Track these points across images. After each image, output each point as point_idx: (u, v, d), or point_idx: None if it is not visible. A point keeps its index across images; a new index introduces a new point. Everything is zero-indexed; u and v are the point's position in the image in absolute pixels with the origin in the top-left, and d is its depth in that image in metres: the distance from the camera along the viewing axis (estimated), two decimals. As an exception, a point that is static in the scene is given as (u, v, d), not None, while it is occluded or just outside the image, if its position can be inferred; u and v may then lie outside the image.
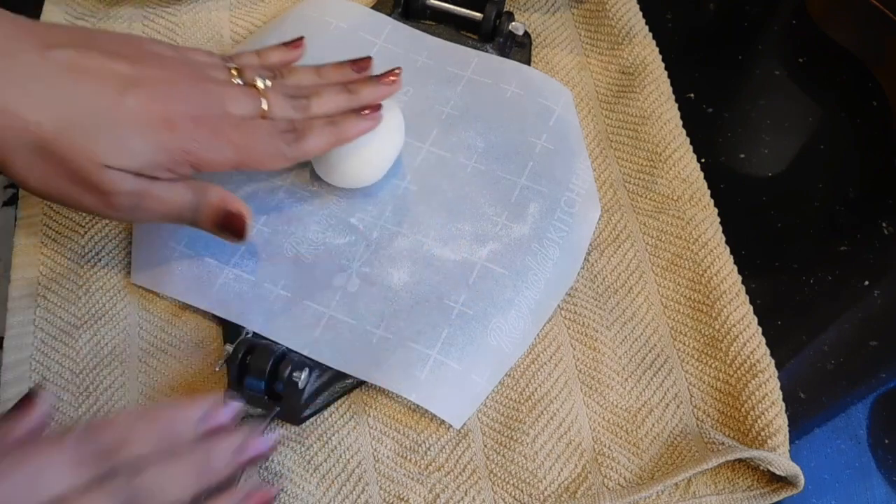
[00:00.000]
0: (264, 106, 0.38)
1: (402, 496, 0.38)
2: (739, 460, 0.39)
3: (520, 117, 0.47)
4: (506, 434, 0.40)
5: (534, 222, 0.44)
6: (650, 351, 0.42)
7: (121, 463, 0.30)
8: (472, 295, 0.41)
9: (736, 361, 0.41)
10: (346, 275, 0.42)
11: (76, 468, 0.29)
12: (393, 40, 0.50)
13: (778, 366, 0.40)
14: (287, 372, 0.38)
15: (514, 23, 0.50)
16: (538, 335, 0.42)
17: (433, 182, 0.45)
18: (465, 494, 0.38)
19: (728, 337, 0.41)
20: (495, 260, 0.42)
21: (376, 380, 0.39)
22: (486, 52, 0.50)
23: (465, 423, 0.40)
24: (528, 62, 0.51)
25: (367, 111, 0.41)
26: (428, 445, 0.39)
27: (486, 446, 0.40)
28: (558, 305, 0.43)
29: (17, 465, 0.28)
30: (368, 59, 0.43)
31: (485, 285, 0.42)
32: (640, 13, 0.53)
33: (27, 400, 0.31)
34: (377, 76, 0.42)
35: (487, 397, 0.41)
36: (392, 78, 0.42)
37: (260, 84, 0.39)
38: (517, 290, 0.42)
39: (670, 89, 0.50)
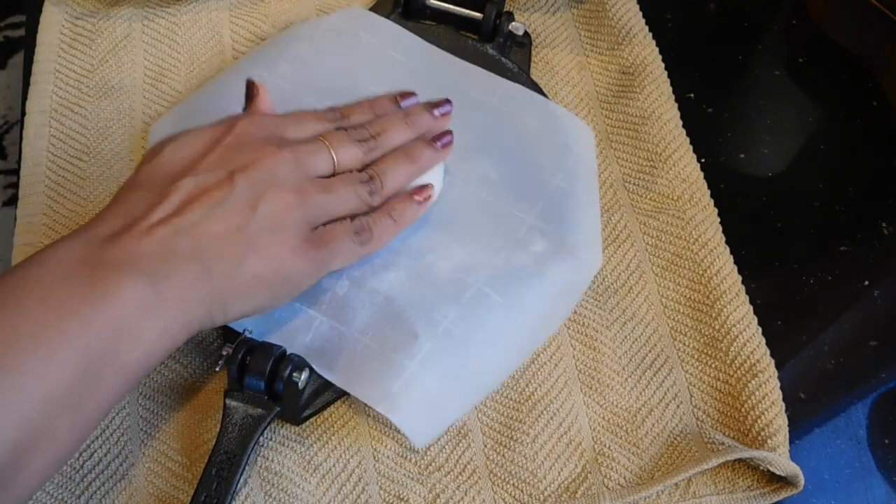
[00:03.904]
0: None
1: (402, 496, 0.38)
2: (739, 460, 0.39)
3: (537, 153, 0.46)
4: (506, 434, 0.40)
5: (536, 260, 0.42)
6: (650, 351, 0.42)
7: (351, 123, 0.41)
8: (461, 313, 0.40)
9: (736, 361, 0.41)
10: (336, 275, 0.41)
11: (323, 121, 0.41)
12: (422, 62, 0.49)
13: (778, 366, 0.40)
14: (287, 372, 0.38)
15: (514, 23, 0.50)
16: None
17: (440, 208, 0.44)
18: (465, 494, 0.38)
19: (728, 337, 0.41)
20: (493, 285, 0.41)
21: (351, 388, 0.39)
22: (487, 52, 0.50)
23: (464, 425, 0.40)
24: (528, 62, 0.51)
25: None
26: (428, 445, 0.39)
27: (486, 446, 0.40)
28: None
29: (287, 119, 0.40)
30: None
31: (477, 308, 0.41)
32: (640, 13, 0.53)
33: (252, 88, 0.41)
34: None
35: (487, 398, 0.41)
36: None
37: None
38: (508, 322, 0.41)
39: (670, 89, 0.50)
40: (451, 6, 0.51)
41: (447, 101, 0.43)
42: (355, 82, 0.48)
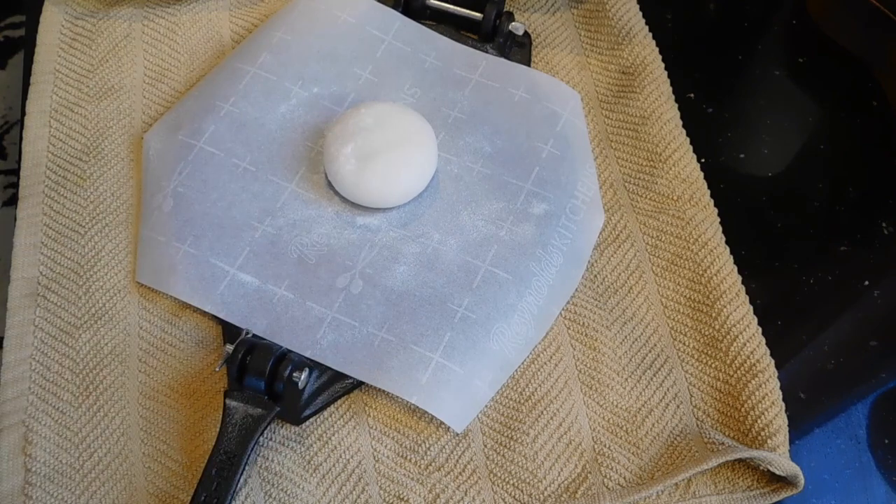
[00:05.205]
0: None
1: (402, 496, 0.38)
2: (739, 460, 0.39)
3: (527, 122, 0.47)
4: (506, 434, 0.40)
5: (538, 228, 0.44)
6: (650, 351, 0.42)
7: None
8: (475, 299, 0.41)
9: (736, 361, 0.41)
10: (350, 275, 0.42)
11: None
12: (402, 38, 0.50)
13: (778, 366, 0.40)
14: (287, 372, 0.38)
15: (514, 23, 0.50)
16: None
17: (439, 185, 0.45)
18: (465, 494, 0.38)
19: (728, 337, 0.41)
20: (499, 264, 0.42)
21: (378, 382, 0.39)
22: (487, 51, 0.50)
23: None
24: (528, 62, 0.51)
25: None
26: (428, 445, 0.39)
27: (486, 446, 0.40)
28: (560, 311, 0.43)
29: None
30: None
31: (488, 289, 0.42)
32: (640, 13, 0.53)
33: None
34: None
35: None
36: None
37: None
38: (520, 296, 0.42)
39: (670, 89, 0.50)
40: (451, 6, 0.51)
41: None
42: (339, 65, 0.48)
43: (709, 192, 0.46)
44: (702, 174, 0.47)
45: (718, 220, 0.45)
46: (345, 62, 0.49)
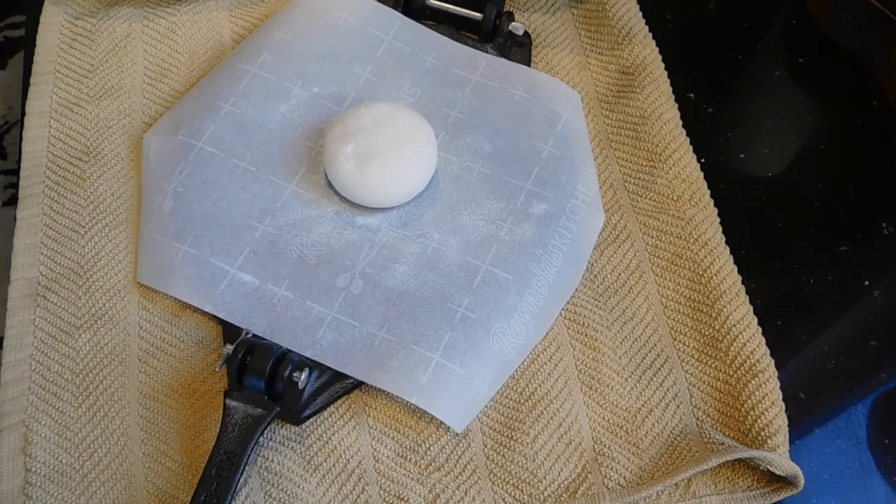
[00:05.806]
0: None
1: (402, 496, 0.38)
2: (739, 460, 0.39)
3: (527, 122, 0.47)
4: (506, 434, 0.40)
5: (538, 228, 0.44)
6: (650, 351, 0.42)
7: None
8: (475, 299, 0.41)
9: (736, 361, 0.41)
10: (350, 275, 0.42)
11: None
12: (402, 38, 0.50)
13: (778, 366, 0.40)
14: (287, 372, 0.38)
15: (514, 23, 0.50)
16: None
17: (439, 185, 0.45)
18: (465, 494, 0.38)
19: (728, 337, 0.41)
20: (499, 264, 0.42)
21: (378, 382, 0.39)
22: (487, 51, 0.50)
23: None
24: (528, 62, 0.51)
25: None
26: (428, 445, 0.39)
27: (486, 446, 0.40)
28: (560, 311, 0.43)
29: None
30: None
31: (488, 289, 0.42)
32: (640, 13, 0.53)
33: None
34: None
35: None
36: None
37: None
38: (520, 296, 0.42)
39: (670, 89, 0.50)
40: (451, 6, 0.51)
41: None
42: (339, 65, 0.48)
43: (709, 192, 0.46)
44: (702, 174, 0.47)
45: (718, 220, 0.45)
46: (345, 62, 0.49)
